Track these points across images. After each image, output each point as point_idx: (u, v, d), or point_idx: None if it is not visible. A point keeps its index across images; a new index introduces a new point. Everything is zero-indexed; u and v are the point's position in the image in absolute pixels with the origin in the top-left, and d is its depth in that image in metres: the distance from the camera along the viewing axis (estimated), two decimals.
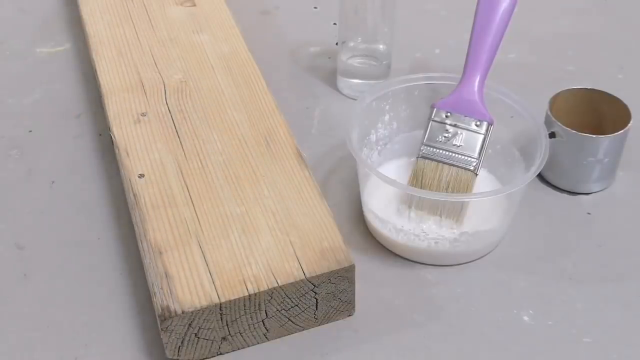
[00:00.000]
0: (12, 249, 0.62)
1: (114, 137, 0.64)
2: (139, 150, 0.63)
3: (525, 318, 0.57)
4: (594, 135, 0.64)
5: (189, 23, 0.77)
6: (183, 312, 0.51)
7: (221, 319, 0.53)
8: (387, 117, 0.68)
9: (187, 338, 0.52)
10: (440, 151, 0.62)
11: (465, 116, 0.63)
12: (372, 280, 0.59)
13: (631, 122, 0.64)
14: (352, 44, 0.76)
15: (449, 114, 0.63)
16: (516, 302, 0.58)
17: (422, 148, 0.63)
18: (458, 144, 0.62)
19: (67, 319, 0.57)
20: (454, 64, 0.68)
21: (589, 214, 0.66)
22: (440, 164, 0.62)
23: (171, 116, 0.66)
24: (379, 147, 0.68)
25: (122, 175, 0.62)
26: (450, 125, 0.63)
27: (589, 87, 0.67)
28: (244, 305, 0.53)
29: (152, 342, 0.55)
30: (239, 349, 0.55)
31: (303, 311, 0.55)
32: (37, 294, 0.59)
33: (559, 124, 0.64)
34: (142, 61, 0.72)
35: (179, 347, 0.53)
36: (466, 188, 0.62)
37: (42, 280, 0.60)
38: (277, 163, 0.62)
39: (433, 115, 0.63)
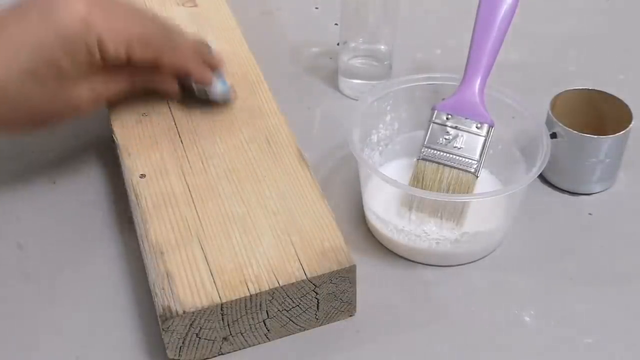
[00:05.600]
0: (12, 249, 0.62)
1: (116, 137, 0.64)
2: (141, 151, 0.63)
3: (527, 319, 0.57)
4: (595, 136, 0.64)
5: (190, 23, 0.77)
6: (184, 312, 0.51)
7: (222, 319, 0.53)
8: (388, 118, 0.68)
9: (188, 338, 0.53)
10: (441, 153, 0.62)
11: (466, 118, 0.63)
12: (373, 280, 0.59)
13: (632, 122, 0.64)
14: (353, 44, 0.76)
15: (449, 116, 0.63)
16: (517, 302, 0.58)
17: (422, 150, 0.63)
18: (459, 146, 0.62)
19: (67, 319, 0.57)
20: (455, 65, 0.68)
21: (590, 214, 0.66)
22: (441, 166, 0.62)
23: (172, 116, 0.66)
24: (380, 148, 0.68)
25: (123, 175, 0.62)
26: (451, 127, 0.63)
27: (590, 88, 0.67)
28: (245, 306, 0.53)
29: (153, 343, 0.55)
30: (240, 349, 0.55)
31: (304, 311, 0.55)
32: (37, 294, 0.59)
33: (560, 124, 0.64)
34: None
35: (180, 347, 0.53)
36: (467, 190, 0.62)
37: (42, 280, 0.60)
38: (278, 163, 0.62)
39: (434, 117, 0.64)
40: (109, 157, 0.69)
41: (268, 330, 0.55)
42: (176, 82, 0.65)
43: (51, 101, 0.58)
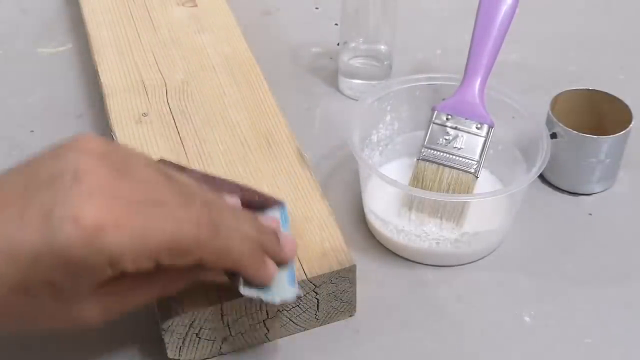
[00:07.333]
0: None
1: (116, 137, 0.64)
2: (141, 151, 0.63)
3: (527, 318, 0.57)
4: (595, 136, 0.64)
5: (190, 23, 0.77)
6: (184, 312, 0.51)
7: (222, 320, 0.53)
8: (388, 118, 0.68)
9: (188, 338, 0.53)
10: (441, 154, 0.62)
11: (466, 119, 0.63)
12: (373, 280, 0.59)
13: (632, 122, 0.64)
14: (353, 44, 0.76)
15: (449, 117, 0.63)
16: (517, 302, 0.58)
17: (422, 150, 0.63)
18: (459, 147, 0.62)
19: None
20: (455, 65, 0.68)
21: (590, 214, 0.66)
22: (441, 167, 0.62)
23: (172, 116, 0.66)
24: (380, 148, 0.68)
25: None
26: (451, 127, 0.63)
27: (590, 88, 0.67)
28: (245, 306, 0.53)
29: (153, 342, 0.55)
30: (240, 349, 0.55)
31: (304, 311, 0.55)
32: None
33: (560, 124, 0.64)
34: (143, 61, 0.72)
35: (180, 347, 0.53)
36: (467, 190, 0.62)
37: None
38: (278, 163, 0.62)
39: (434, 117, 0.64)
40: None
41: (268, 330, 0.55)
42: (224, 276, 0.51)
43: (49, 319, 0.46)
